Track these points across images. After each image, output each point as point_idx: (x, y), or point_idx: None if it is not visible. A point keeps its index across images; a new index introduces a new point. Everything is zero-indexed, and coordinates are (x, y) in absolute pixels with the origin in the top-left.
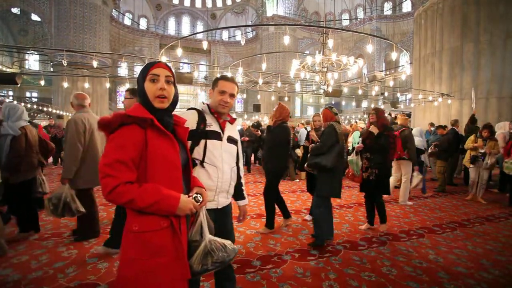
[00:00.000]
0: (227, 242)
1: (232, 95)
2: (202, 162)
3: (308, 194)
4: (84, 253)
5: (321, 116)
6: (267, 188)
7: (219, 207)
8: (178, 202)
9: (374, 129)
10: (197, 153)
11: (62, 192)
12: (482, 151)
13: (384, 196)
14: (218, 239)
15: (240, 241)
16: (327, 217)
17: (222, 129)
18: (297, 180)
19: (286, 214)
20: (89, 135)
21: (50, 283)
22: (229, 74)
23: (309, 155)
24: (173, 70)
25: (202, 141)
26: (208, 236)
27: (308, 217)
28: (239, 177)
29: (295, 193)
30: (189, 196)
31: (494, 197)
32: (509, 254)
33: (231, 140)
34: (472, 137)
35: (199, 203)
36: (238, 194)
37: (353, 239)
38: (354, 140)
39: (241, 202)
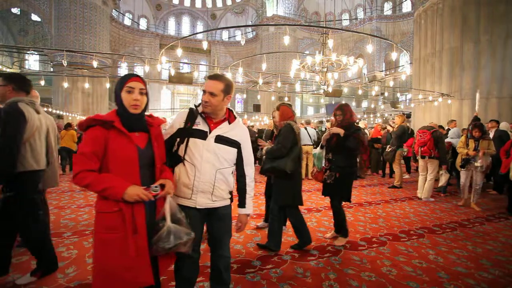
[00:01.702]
0: (186, 231)
1: (211, 94)
2: (183, 159)
3: (308, 194)
4: (84, 253)
5: (277, 113)
6: None
7: (198, 207)
8: (123, 190)
9: (338, 130)
10: (181, 150)
11: None
12: (478, 164)
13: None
14: (179, 227)
15: (240, 241)
16: (276, 229)
17: (210, 128)
18: None
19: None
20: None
21: (50, 283)
22: (228, 73)
23: (264, 158)
24: (146, 83)
25: (186, 139)
26: (168, 223)
27: (261, 224)
28: (242, 183)
29: None
30: (149, 187)
31: (493, 198)
32: (509, 254)
33: (222, 140)
34: (463, 138)
35: (156, 193)
36: (240, 201)
37: (353, 239)
38: None
39: (241, 210)
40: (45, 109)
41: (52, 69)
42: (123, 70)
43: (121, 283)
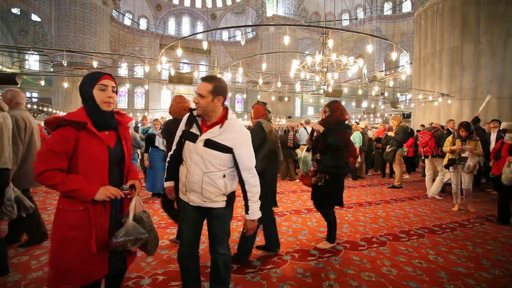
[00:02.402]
0: (141, 231)
1: (200, 95)
2: (182, 159)
3: (308, 194)
4: None
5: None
6: None
7: (190, 204)
8: (95, 192)
9: (317, 127)
10: (182, 151)
11: (9, 191)
12: (464, 155)
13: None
14: (136, 225)
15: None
16: (269, 227)
17: (202, 131)
18: (298, 180)
19: None
20: (29, 134)
21: None
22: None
23: None
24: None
25: (183, 141)
26: (130, 220)
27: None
28: (242, 188)
29: (295, 193)
30: (119, 187)
31: (493, 198)
32: (509, 254)
33: (210, 144)
34: (450, 138)
35: (127, 191)
36: (245, 206)
37: (353, 239)
38: (354, 140)
39: (246, 216)
40: (45, 109)
41: (52, 69)
42: (123, 70)
43: (76, 277)
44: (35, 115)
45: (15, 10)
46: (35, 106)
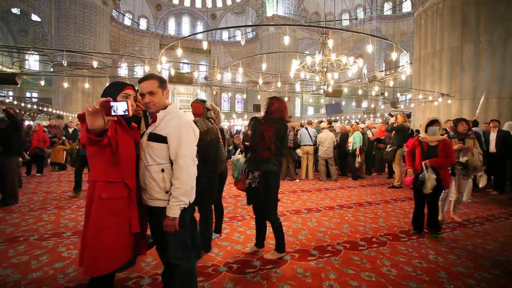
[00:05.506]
0: None
1: (151, 93)
2: None
3: (308, 194)
4: None
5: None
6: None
7: (142, 202)
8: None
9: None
10: None
11: None
12: (461, 159)
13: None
14: None
15: (240, 241)
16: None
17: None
18: (297, 180)
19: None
20: None
21: (50, 283)
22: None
23: None
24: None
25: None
26: None
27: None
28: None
29: (295, 193)
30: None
31: (493, 198)
32: (509, 254)
33: (152, 137)
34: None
35: None
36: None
37: (353, 239)
38: (354, 140)
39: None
40: (45, 109)
41: (52, 69)
42: (123, 70)
43: (111, 262)
44: (35, 115)
45: (15, 10)
46: (35, 106)
